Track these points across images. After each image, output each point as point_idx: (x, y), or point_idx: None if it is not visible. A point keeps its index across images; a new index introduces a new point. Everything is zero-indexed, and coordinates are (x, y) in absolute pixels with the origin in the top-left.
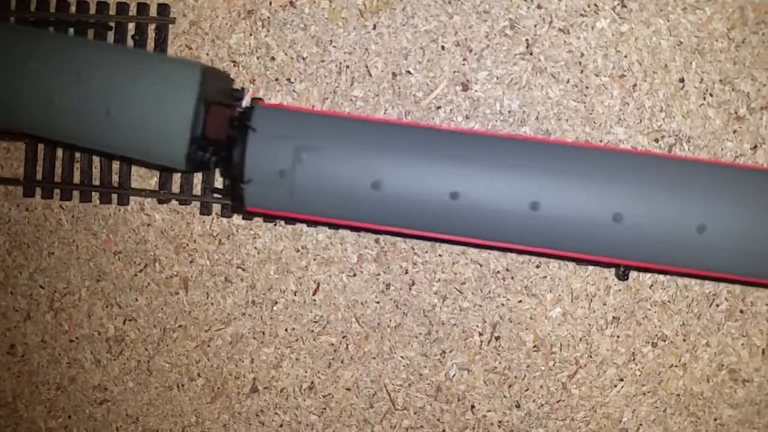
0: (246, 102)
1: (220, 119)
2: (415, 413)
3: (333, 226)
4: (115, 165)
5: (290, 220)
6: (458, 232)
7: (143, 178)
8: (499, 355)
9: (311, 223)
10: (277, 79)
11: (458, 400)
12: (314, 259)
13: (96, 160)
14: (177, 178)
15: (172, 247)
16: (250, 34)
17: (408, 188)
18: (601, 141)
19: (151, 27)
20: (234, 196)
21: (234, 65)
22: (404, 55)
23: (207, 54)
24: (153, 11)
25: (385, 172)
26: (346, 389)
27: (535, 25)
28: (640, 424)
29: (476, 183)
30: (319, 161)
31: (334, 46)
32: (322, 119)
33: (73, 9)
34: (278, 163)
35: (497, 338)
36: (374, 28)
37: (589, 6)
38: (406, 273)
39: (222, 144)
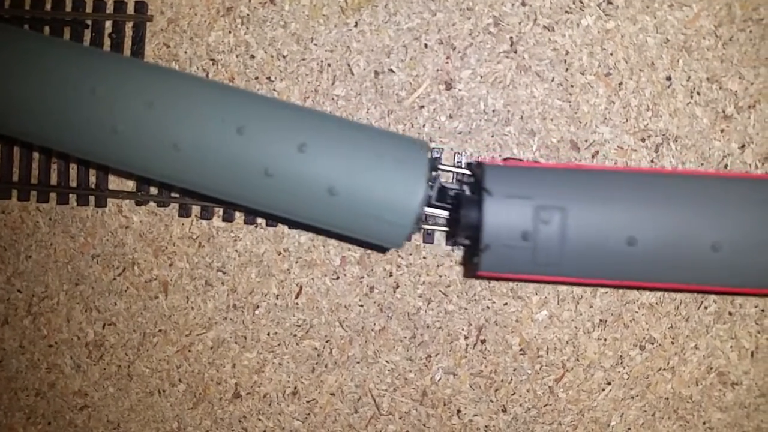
0: (464, 162)
1: None
2: (400, 418)
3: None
4: (92, 166)
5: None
6: (722, 284)
7: (121, 180)
8: (485, 358)
9: (292, 225)
10: (257, 78)
11: (444, 405)
12: (296, 262)
13: (73, 161)
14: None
15: (151, 250)
16: (229, 32)
17: (668, 242)
18: (586, 141)
19: (129, 25)
20: (467, 259)
21: (213, 63)
22: (387, 53)
23: (185, 52)
24: (130, 9)
25: (641, 227)
26: (331, 394)
27: (520, 23)
28: (629, 428)
29: (740, 232)
30: (565, 221)
31: (315, 44)
32: (560, 175)
33: (48, 6)
34: (519, 226)
35: (483, 341)
36: (356, 25)
37: (574, 3)
38: (390, 275)
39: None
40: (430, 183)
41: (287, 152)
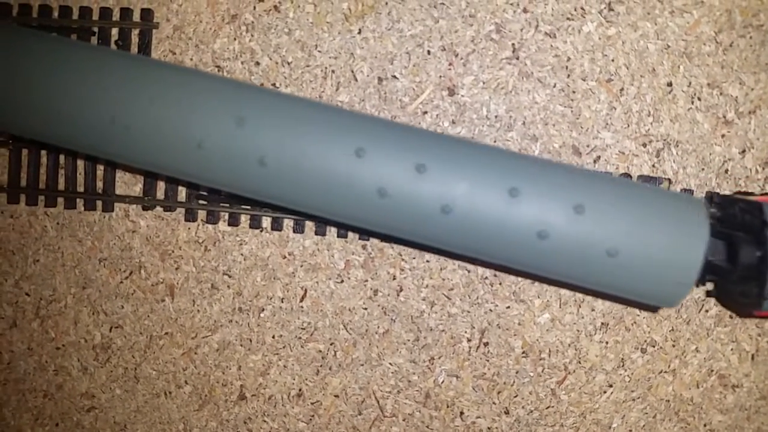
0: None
1: None
2: (404, 420)
3: None
4: (99, 171)
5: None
6: None
7: (127, 185)
8: (487, 361)
9: (297, 230)
10: (262, 84)
11: (447, 407)
12: (301, 266)
13: (80, 166)
14: (161, 184)
15: (158, 254)
16: (235, 39)
17: None
18: (588, 146)
19: (135, 32)
20: (733, 299)
21: (218, 70)
22: (390, 60)
23: (191, 59)
24: (136, 16)
25: None
26: (335, 396)
27: (522, 30)
28: (630, 430)
29: None
30: None
31: (319, 51)
32: None
33: (56, 14)
34: None
35: (486, 344)
36: (359, 32)
37: (575, 9)
38: (394, 279)
39: None
40: None
41: (563, 215)
